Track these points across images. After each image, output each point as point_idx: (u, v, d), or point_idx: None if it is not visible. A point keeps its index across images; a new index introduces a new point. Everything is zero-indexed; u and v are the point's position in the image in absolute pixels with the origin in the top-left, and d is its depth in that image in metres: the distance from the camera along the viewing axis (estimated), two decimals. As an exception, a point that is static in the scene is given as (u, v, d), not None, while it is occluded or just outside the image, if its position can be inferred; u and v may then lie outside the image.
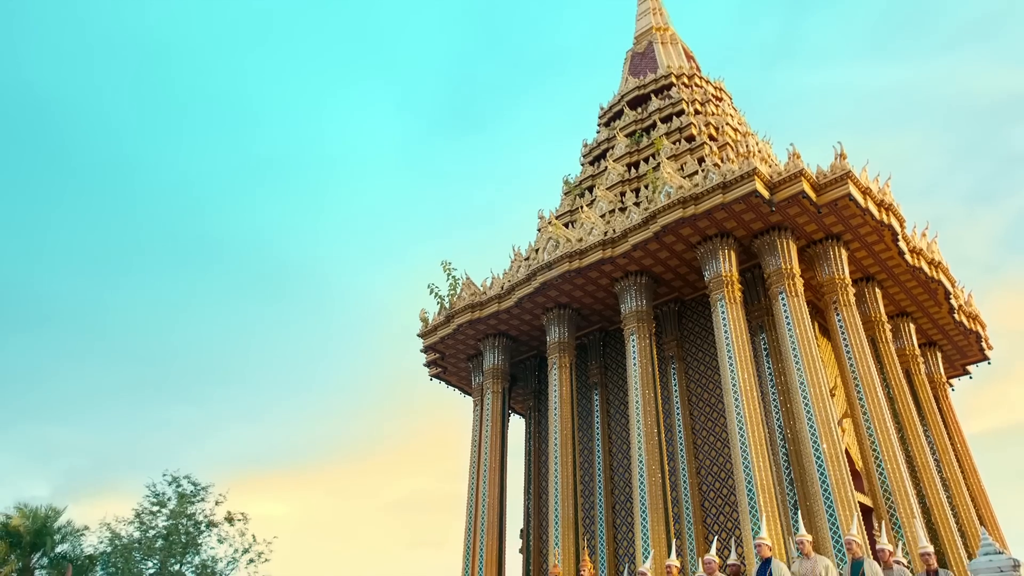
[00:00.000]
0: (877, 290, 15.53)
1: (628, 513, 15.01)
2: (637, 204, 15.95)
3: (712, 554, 10.80)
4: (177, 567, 29.90)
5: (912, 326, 16.99)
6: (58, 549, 30.41)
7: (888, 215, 14.17)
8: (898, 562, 9.97)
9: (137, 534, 30.27)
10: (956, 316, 16.94)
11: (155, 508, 30.93)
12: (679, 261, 15.14)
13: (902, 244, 14.60)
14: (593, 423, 16.78)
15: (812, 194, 13.42)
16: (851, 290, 14.11)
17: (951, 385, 19.25)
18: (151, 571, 29.57)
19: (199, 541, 30.87)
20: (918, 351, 16.83)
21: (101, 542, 30.40)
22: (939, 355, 18.28)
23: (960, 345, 18.43)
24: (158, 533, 30.38)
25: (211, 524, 31.32)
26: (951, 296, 16.34)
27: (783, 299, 13.42)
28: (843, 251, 14.35)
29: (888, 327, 15.35)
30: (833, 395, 13.68)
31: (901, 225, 14.58)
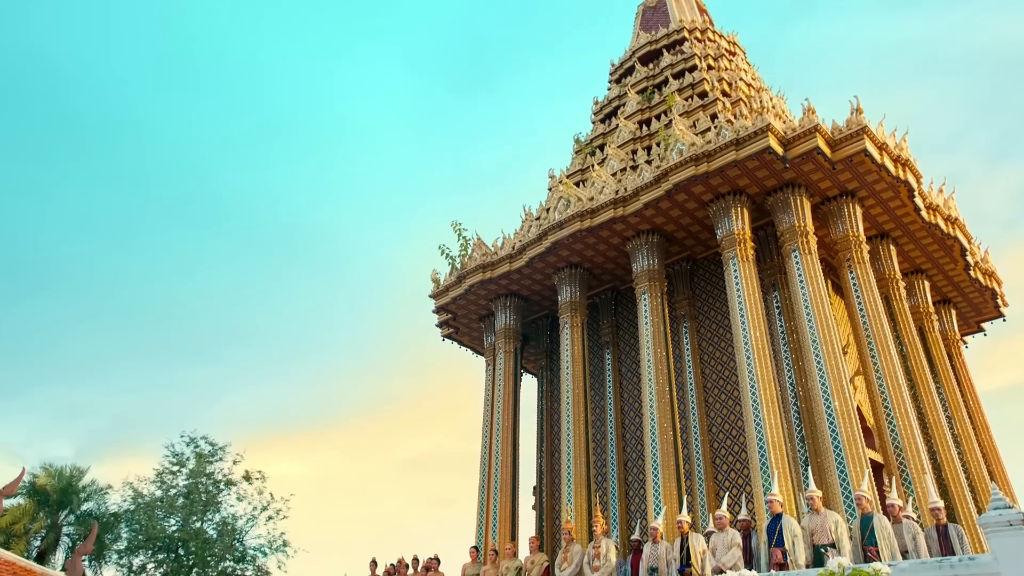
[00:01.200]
0: (892, 247, 15.37)
1: (640, 470, 15.17)
2: (649, 162, 15.78)
3: (723, 510, 10.94)
4: (199, 524, 30.65)
5: (927, 283, 16.86)
6: (84, 507, 31.22)
7: (904, 171, 13.96)
8: (908, 517, 10.06)
9: (159, 493, 31.00)
10: (972, 273, 16.77)
11: (175, 468, 31.62)
12: (691, 219, 15.03)
13: (918, 200, 14.40)
14: (605, 382, 16.87)
15: (827, 150, 13.21)
16: (865, 247, 13.98)
17: (965, 342, 19.15)
18: (173, 528, 30.34)
19: (219, 499, 31.59)
20: (932, 308, 16.72)
21: (125, 500, 31.18)
22: (953, 312, 18.15)
23: (975, 302, 18.28)
24: (179, 492, 31.10)
25: (230, 483, 32.01)
26: (967, 253, 16.16)
27: (796, 257, 13.33)
28: (858, 208, 14.18)
29: (902, 284, 15.24)
30: (845, 353, 13.65)
31: (918, 181, 14.37)
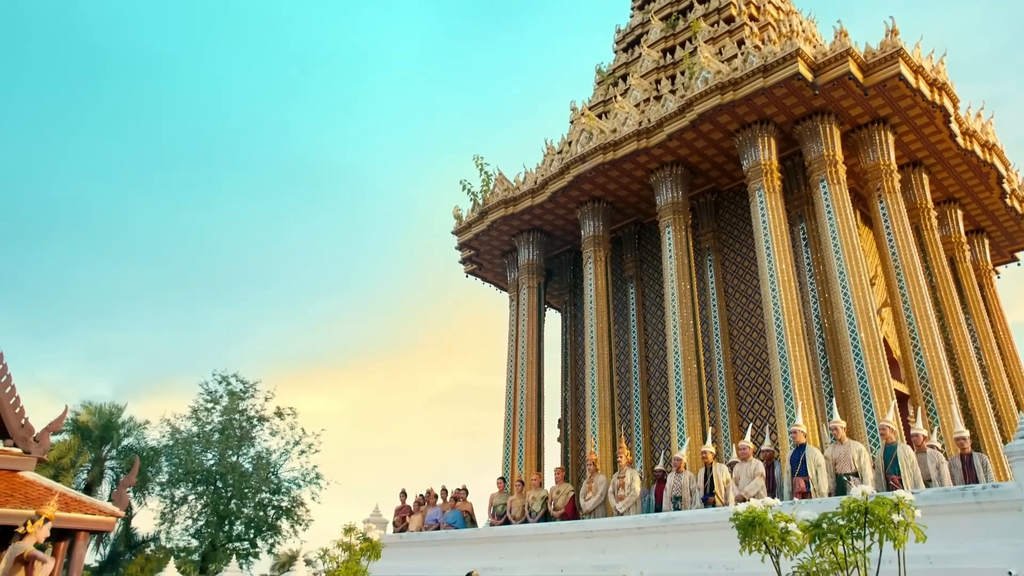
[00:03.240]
0: (924, 176, 14.95)
1: (663, 402, 15.30)
2: (673, 92, 15.36)
3: (746, 440, 11.05)
4: (234, 458, 31.75)
5: (959, 212, 16.43)
6: (124, 443, 32.44)
7: (941, 95, 13.44)
8: (932, 446, 10.07)
9: (195, 429, 32.06)
10: (1008, 201, 16.30)
11: (209, 405, 32.59)
12: (716, 150, 14.69)
13: (954, 126, 13.90)
14: (628, 315, 16.88)
15: (859, 75, 12.73)
16: (896, 176, 13.61)
17: (997, 272, 18.78)
18: (211, 462, 31.46)
19: (252, 435, 32.63)
20: (964, 238, 16.34)
21: (163, 436, 32.33)
22: (986, 242, 17.73)
23: (1010, 231, 17.83)
24: (214, 428, 32.13)
25: (262, 419, 33.00)
26: (1004, 180, 15.67)
27: (824, 187, 13.03)
28: (890, 135, 13.74)
29: (934, 214, 14.87)
30: (873, 284, 13.47)
31: (954, 106, 13.84)
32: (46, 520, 7.74)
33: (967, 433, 10.09)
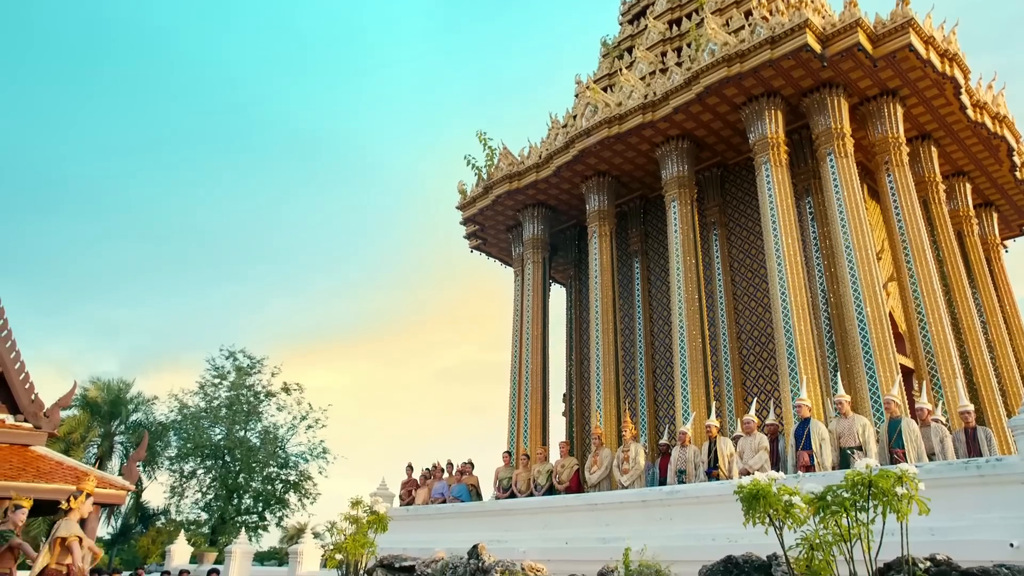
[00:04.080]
0: (933, 148, 14.80)
1: (668, 377, 15.34)
2: (679, 64, 15.17)
3: (751, 414, 11.08)
4: (242, 433, 32.06)
5: (968, 186, 16.29)
6: (133, 418, 32.78)
7: (952, 66, 13.25)
8: (936, 420, 10.09)
9: (203, 404, 32.34)
10: (1017, 174, 16.14)
11: (216, 380, 32.83)
12: (723, 123, 14.56)
13: (965, 98, 13.72)
14: (633, 290, 16.86)
15: (868, 46, 12.55)
16: (904, 149, 13.48)
17: (1005, 246, 18.66)
18: (219, 437, 31.79)
19: (260, 409, 32.90)
20: (972, 212, 16.22)
21: (171, 411, 32.66)
22: (995, 215, 17.61)
23: (1019, 204, 17.68)
24: (221, 403, 32.40)
25: (269, 394, 33.27)
26: (1014, 152, 15.51)
27: (831, 160, 12.92)
28: (899, 107, 13.59)
29: (942, 187, 14.75)
30: (879, 258, 13.41)
31: (965, 77, 13.65)
32: (88, 495, 7.86)
33: (971, 407, 10.10)
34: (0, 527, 7.96)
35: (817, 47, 12.51)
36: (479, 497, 14.52)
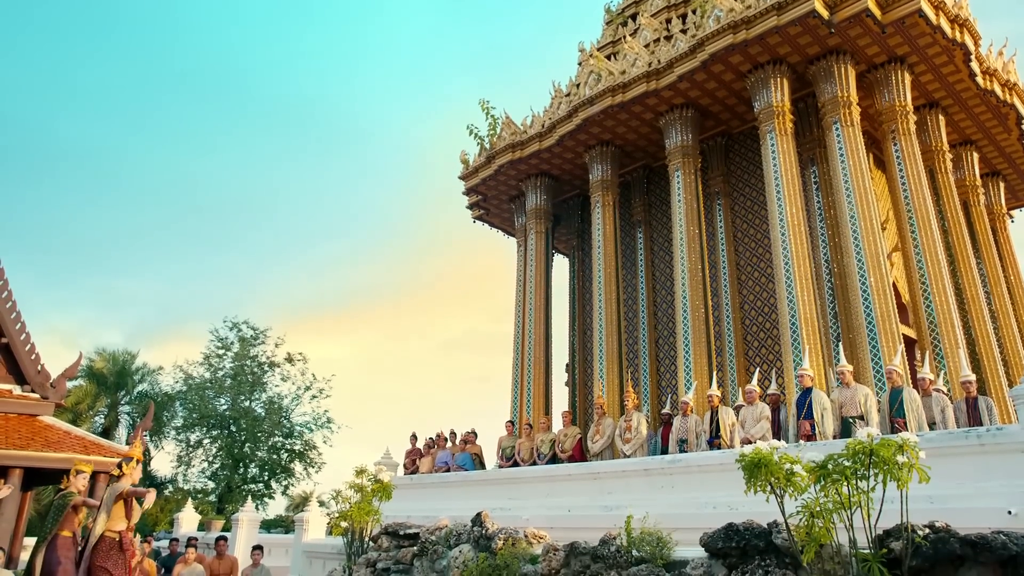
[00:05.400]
0: (940, 117, 14.64)
1: (671, 347, 15.37)
2: (684, 31, 14.96)
3: (753, 384, 11.12)
4: (247, 403, 32.31)
5: (975, 155, 16.14)
6: (138, 388, 33.01)
7: (962, 32, 13.03)
8: (938, 390, 10.11)
9: (207, 375, 32.53)
10: (1025, 142, 15.98)
11: (220, 351, 32.99)
12: (727, 92, 14.39)
13: (974, 65, 13.52)
14: (636, 260, 16.83)
15: (877, 12, 12.34)
16: (912, 118, 13.33)
17: (1011, 216, 18.55)
18: (224, 407, 32.03)
19: (264, 380, 33.11)
20: (979, 181, 16.09)
21: (176, 382, 32.87)
22: (1002, 185, 17.46)
23: (1026, 173, 17.53)
24: (226, 374, 32.59)
25: (273, 364, 33.44)
26: (1023, 121, 15.33)
27: (837, 129, 12.78)
28: (906, 75, 13.41)
29: (949, 157, 14.61)
30: (884, 228, 13.33)
31: (975, 44, 13.44)
32: (138, 462, 8.06)
33: (973, 377, 10.12)
34: (64, 490, 8.27)
35: (825, 13, 12.31)
36: (482, 466, 14.67)
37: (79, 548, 7.54)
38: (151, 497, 7.81)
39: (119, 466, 7.92)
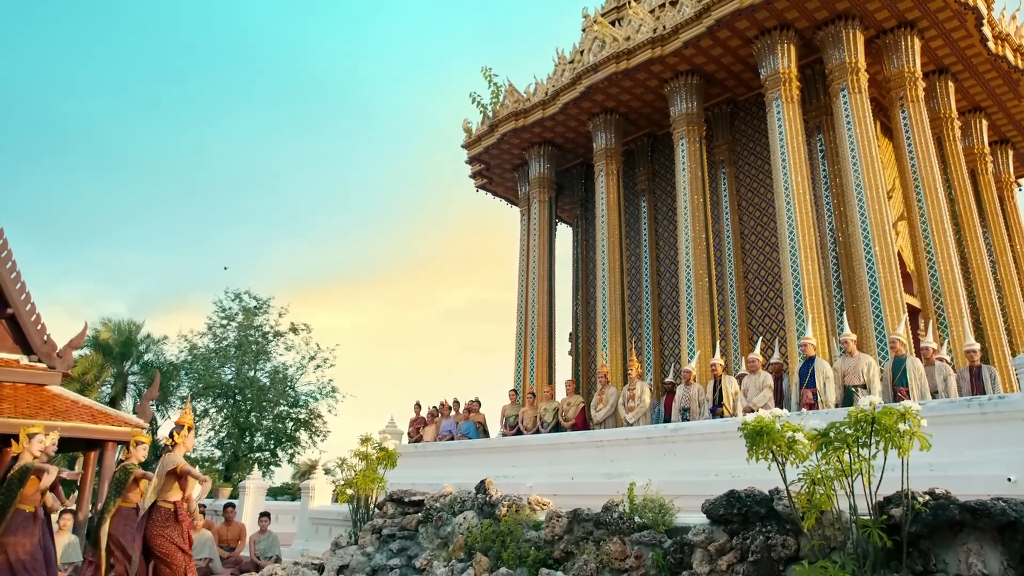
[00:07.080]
0: (950, 83, 14.43)
1: (674, 316, 15.39)
2: (690, -4, 14.70)
3: (756, 353, 11.14)
4: (252, 373, 32.50)
5: (984, 123, 15.94)
6: (144, 358, 33.16)
7: (972, -4, 12.80)
8: (941, 359, 10.12)
9: (212, 345, 32.70)
10: (1035, 109, 15.77)
11: (224, 322, 33.10)
12: (733, 58, 14.19)
13: (986, 29, 13.29)
14: (640, 229, 16.77)
15: (887, -25, 12.11)
16: (920, 84, 13.15)
17: (1019, 185, 18.39)
18: (229, 377, 32.25)
19: (268, 350, 33.27)
20: (987, 149, 15.91)
21: (181, 352, 33.03)
22: (1010, 153, 17.28)
23: (1035, 141, 17.34)
24: (230, 344, 32.74)
25: (277, 334, 33.57)
26: (1032, 87, 15.12)
27: (844, 96, 12.62)
28: (916, 40, 13.19)
29: (957, 124, 14.44)
30: (890, 197, 13.23)
31: (988, 7, 13.20)
32: (190, 429, 8.05)
33: (977, 346, 10.12)
34: (125, 462, 8.45)
35: (833, -23, 12.08)
36: (486, 434, 14.78)
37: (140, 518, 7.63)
38: (206, 486, 7.65)
39: (171, 435, 7.89)
